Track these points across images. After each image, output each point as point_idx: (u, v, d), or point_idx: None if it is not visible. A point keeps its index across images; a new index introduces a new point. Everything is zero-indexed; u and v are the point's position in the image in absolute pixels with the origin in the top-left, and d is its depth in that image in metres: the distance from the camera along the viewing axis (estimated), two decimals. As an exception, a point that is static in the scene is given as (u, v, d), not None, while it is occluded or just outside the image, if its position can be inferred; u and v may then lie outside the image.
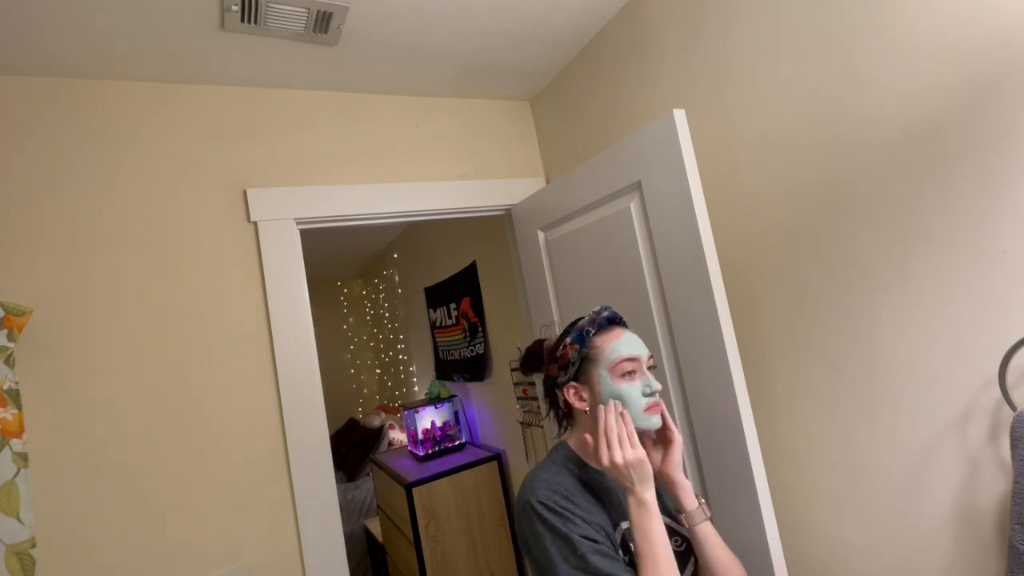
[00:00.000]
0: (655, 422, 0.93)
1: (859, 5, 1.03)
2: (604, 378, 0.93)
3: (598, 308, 1.01)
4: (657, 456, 0.99)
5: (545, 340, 1.08)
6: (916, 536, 1.05)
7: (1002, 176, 0.87)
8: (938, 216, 0.95)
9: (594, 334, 0.97)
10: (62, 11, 1.19)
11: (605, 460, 0.87)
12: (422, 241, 3.63)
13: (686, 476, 0.98)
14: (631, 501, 0.87)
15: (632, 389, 0.92)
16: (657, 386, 0.94)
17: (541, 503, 0.87)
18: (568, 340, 0.98)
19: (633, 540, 0.86)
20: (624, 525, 0.93)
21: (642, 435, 0.95)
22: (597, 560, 0.81)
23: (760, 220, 1.27)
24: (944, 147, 0.94)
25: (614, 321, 1.00)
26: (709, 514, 0.96)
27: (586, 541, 0.83)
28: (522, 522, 0.89)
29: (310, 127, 1.69)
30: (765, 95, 1.22)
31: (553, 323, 1.78)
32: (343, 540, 1.53)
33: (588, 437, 0.92)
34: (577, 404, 0.97)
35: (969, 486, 0.96)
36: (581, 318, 1.01)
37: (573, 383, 0.97)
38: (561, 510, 0.86)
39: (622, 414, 0.90)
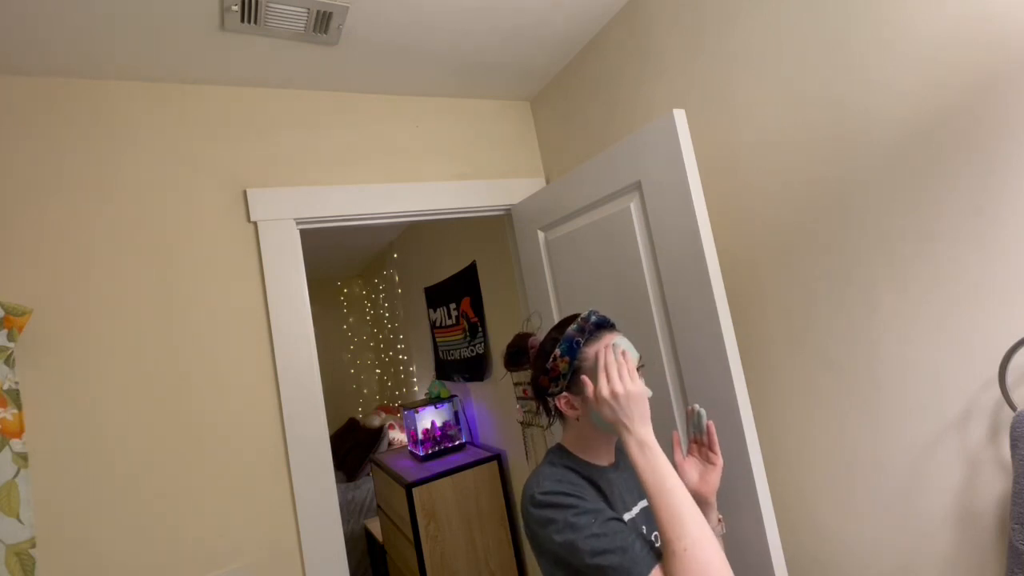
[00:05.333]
0: None
1: (860, 5, 1.03)
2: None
3: (586, 314, 0.97)
4: (694, 474, 0.98)
5: (531, 336, 1.05)
6: (916, 536, 1.05)
7: (1002, 176, 0.87)
8: (938, 215, 0.95)
9: (584, 344, 0.93)
10: (62, 11, 1.19)
11: (605, 391, 0.84)
12: (422, 241, 3.63)
13: None
14: (631, 443, 0.83)
15: None
16: (647, 392, 0.91)
17: (546, 492, 0.85)
18: (558, 352, 0.94)
19: (643, 487, 0.81)
20: (627, 517, 0.93)
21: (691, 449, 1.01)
22: (614, 525, 0.80)
23: (760, 219, 1.27)
24: (944, 147, 0.94)
25: (603, 326, 0.96)
26: (724, 531, 1.00)
27: (600, 511, 0.82)
28: (530, 519, 0.86)
29: (310, 127, 1.69)
30: (766, 95, 1.22)
31: (536, 312, 1.74)
32: (343, 540, 1.53)
33: (587, 381, 0.89)
34: (569, 413, 0.95)
35: (969, 486, 0.96)
36: (570, 320, 0.98)
37: (565, 394, 0.95)
38: (569, 493, 0.84)
39: (623, 353, 0.89)
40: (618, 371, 0.86)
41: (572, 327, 0.96)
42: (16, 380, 1.21)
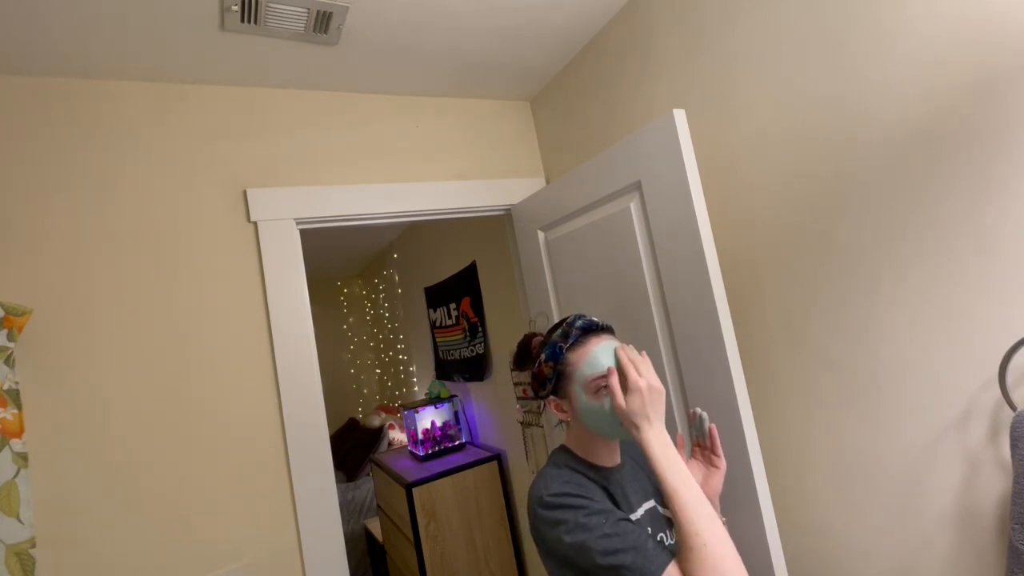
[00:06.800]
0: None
1: (860, 5, 1.03)
2: (579, 395, 0.91)
3: (571, 318, 0.96)
4: (698, 477, 0.99)
5: (536, 336, 1.05)
6: (916, 536, 1.05)
7: (1002, 175, 0.87)
8: (938, 215, 0.95)
9: (567, 349, 0.92)
10: (62, 11, 1.19)
11: (641, 383, 0.84)
12: (422, 241, 3.63)
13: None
14: (651, 438, 0.82)
15: (605, 404, 0.89)
16: None
17: (555, 494, 0.85)
18: (543, 357, 0.95)
19: (661, 483, 0.80)
20: (633, 518, 0.93)
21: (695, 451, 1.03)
22: (625, 525, 0.80)
23: (760, 219, 1.27)
24: (944, 147, 0.94)
25: (590, 330, 0.94)
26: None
27: (610, 511, 0.82)
28: (539, 521, 0.86)
29: (310, 127, 1.69)
30: (766, 94, 1.22)
31: (543, 313, 1.76)
32: (343, 540, 1.53)
33: (613, 371, 0.88)
34: (560, 416, 0.96)
35: (969, 486, 0.96)
36: (560, 323, 0.97)
37: (553, 398, 0.96)
38: (578, 494, 0.85)
39: (642, 352, 0.91)
40: (642, 367, 0.87)
41: (557, 332, 0.96)
42: (16, 380, 1.21)
